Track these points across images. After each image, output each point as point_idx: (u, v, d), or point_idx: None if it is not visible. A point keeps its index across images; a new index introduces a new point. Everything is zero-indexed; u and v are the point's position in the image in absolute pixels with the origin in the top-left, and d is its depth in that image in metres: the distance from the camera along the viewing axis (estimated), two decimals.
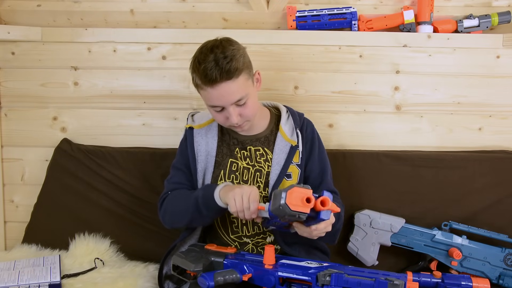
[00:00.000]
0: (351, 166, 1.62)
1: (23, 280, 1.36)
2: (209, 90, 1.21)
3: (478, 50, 1.68)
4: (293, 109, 1.43)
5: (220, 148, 1.36)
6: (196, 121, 1.40)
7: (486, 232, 1.51)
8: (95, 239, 1.59)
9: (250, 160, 1.33)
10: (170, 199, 1.34)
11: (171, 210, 1.33)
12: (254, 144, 1.35)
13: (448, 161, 1.63)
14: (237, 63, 1.20)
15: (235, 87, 1.21)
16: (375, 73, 1.70)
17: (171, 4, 1.74)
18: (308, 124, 1.42)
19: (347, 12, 1.66)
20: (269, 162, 1.33)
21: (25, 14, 1.74)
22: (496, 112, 1.71)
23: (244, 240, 1.32)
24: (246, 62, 1.25)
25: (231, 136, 1.37)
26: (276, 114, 1.42)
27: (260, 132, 1.37)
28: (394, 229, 1.53)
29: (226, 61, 1.18)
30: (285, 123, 1.36)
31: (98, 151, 1.67)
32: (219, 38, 1.26)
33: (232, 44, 1.24)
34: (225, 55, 1.19)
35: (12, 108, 1.75)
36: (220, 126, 1.38)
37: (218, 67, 1.18)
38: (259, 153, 1.34)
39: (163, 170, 1.63)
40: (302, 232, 1.15)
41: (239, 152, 1.35)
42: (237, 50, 1.22)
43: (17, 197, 1.77)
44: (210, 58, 1.19)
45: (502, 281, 1.50)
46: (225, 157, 1.35)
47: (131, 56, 1.72)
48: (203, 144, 1.36)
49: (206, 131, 1.38)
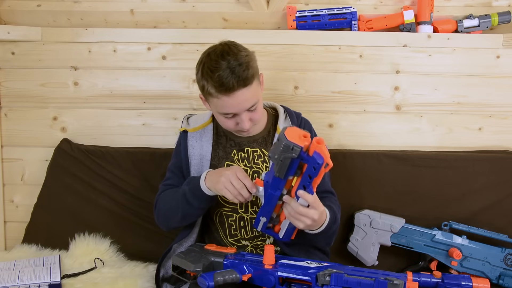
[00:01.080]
0: (351, 166, 1.62)
1: (23, 280, 1.36)
2: (224, 99, 1.18)
3: (478, 50, 1.68)
4: (290, 109, 1.43)
5: (215, 151, 1.35)
6: (191, 124, 1.39)
7: (486, 232, 1.51)
8: (95, 239, 1.59)
9: (248, 161, 1.33)
10: (161, 199, 1.35)
11: (163, 209, 1.33)
12: (251, 145, 1.34)
13: (448, 161, 1.62)
14: (252, 70, 1.19)
15: (249, 94, 1.19)
16: (375, 73, 1.70)
17: (171, 4, 1.74)
18: (306, 124, 1.41)
19: (347, 12, 1.66)
20: (267, 163, 1.32)
21: (25, 14, 1.74)
22: (496, 112, 1.71)
23: (242, 243, 1.32)
24: (256, 67, 1.24)
25: (228, 138, 1.36)
26: (273, 114, 1.41)
27: (257, 133, 1.36)
28: (394, 229, 1.53)
29: (242, 68, 1.16)
30: (282, 123, 1.36)
31: (98, 151, 1.67)
32: (224, 42, 1.23)
33: (241, 49, 1.21)
34: (240, 62, 1.17)
35: (12, 108, 1.75)
36: (215, 129, 1.38)
37: (235, 75, 1.15)
38: (257, 154, 1.34)
39: (163, 170, 1.62)
40: (290, 211, 1.10)
41: (236, 154, 1.34)
42: (249, 56, 1.21)
43: (17, 197, 1.77)
44: (224, 66, 1.16)
45: (502, 281, 1.50)
46: (221, 160, 1.34)
47: (131, 56, 1.72)
48: (197, 147, 1.35)
49: (200, 135, 1.36)
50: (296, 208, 1.08)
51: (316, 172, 1.03)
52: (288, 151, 1.01)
